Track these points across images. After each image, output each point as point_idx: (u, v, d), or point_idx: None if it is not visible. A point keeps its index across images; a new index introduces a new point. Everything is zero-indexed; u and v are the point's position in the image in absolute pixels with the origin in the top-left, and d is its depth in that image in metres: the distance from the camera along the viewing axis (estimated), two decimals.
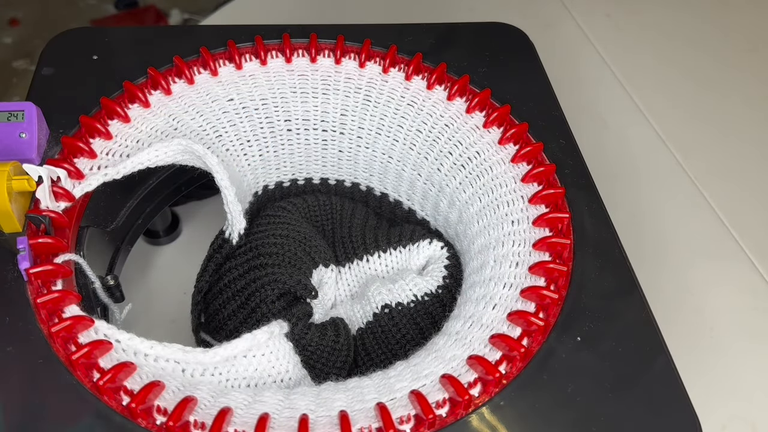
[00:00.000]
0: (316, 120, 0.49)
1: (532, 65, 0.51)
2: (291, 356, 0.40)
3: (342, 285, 0.49)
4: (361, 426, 0.31)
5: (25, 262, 0.34)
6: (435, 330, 0.41)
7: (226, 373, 0.36)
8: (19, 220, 0.36)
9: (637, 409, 0.33)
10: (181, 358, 0.35)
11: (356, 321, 0.45)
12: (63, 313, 0.34)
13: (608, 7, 0.83)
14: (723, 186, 0.65)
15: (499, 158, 0.44)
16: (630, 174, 0.66)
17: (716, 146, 0.69)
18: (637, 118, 0.71)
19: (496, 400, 0.33)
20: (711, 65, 0.77)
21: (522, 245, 0.40)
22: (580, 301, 0.37)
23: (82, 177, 0.40)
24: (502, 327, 0.36)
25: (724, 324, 0.55)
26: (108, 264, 0.46)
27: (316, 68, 0.48)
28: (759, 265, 0.59)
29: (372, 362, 0.43)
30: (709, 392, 0.51)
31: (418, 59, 0.47)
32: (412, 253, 0.48)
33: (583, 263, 0.39)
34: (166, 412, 0.31)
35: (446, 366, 0.35)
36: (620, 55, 0.77)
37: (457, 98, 0.46)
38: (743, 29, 0.82)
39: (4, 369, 0.32)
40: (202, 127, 0.45)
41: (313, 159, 0.51)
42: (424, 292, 0.44)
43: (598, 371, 0.34)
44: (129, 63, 0.46)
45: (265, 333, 0.38)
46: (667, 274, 0.58)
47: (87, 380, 0.32)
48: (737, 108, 0.73)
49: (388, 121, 0.48)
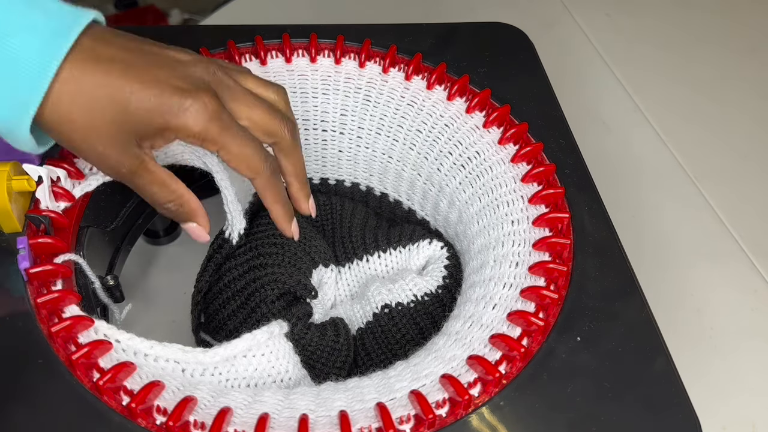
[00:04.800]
0: (316, 120, 0.49)
1: (532, 65, 0.51)
2: (291, 356, 0.40)
3: (342, 285, 0.49)
4: (361, 426, 0.31)
5: (25, 262, 0.34)
6: (435, 330, 0.41)
7: (225, 373, 0.36)
8: (19, 220, 0.36)
9: (637, 409, 0.33)
10: (181, 357, 0.35)
11: (356, 321, 0.45)
12: (63, 313, 0.34)
13: (608, 7, 0.83)
14: (723, 186, 0.65)
15: (499, 158, 0.44)
16: (630, 174, 0.66)
17: (716, 146, 0.69)
18: (637, 118, 0.71)
19: (496, 400, 0.33)
20: (711, 65, 0.77)
21: (522, 245, 0.39)
22: (580, 301, 0.37)
23: (82, 177, 0.40)
24: (502, 327, 0.36)
25: (724, 324, 0.55)
26: (108, 264, 0.46)
27: (316, 68, 0.48)
28: (759, 265, 0.59)
29: (372, 362, 0.43)
30: (709, 392, 0.51)
31: (418, 59, 0.47)
32: (411, 253, 0.48)
33: (583, 263, 0.39)
34: (166, 412, 0.31)
35: (446, 366, 0.34)
36: (620, 55, 0.77)
37: (457, 98, 0.46)
38: (743, 29, 0.82)
39: (4, 369, 0.32)
40: None
41: (313, 159, 0.51)
42: (423, 292, 0.44)
43: (598, 371, 0.34)
44: None
45: (265, 333, 0.38)
46: (667, 274, 0.58)
47: (87, 380, 0.32)
48: (737, 108, 0.73)
49: (388, 121, 0.48)
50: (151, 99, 0.33)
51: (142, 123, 0.33)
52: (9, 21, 0.31)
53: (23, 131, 0.32)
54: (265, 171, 0.38)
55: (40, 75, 0.31)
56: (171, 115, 0.33)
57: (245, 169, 0.37)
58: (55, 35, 0.31)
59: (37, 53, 0.31)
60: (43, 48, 0.31)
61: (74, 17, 0.32)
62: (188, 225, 0.39)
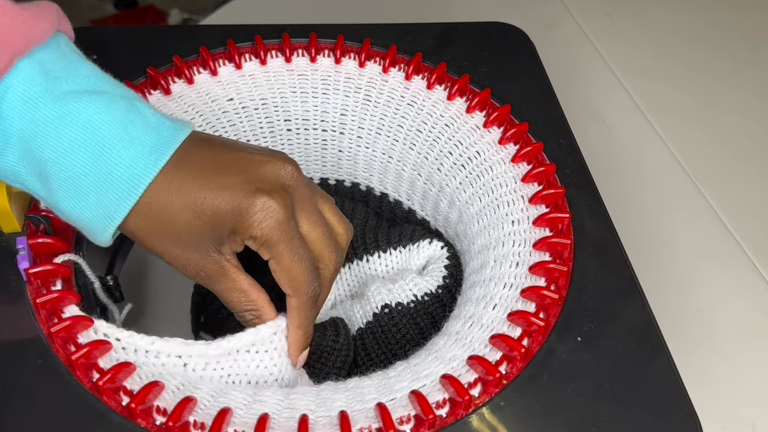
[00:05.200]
0: (316, 120, 0.49)
1: (532, 65, 0.51)
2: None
3: (342, 285, 0.49)
4: (361, 426, 0.31)
5: (24, 262, 0.34)
6: (435, 330, 0.41)
7: (228, 368, 0.36)
8: (18, 220, 0.36)
9: (637, 410, 0.33)
10: (183, 351, 0.34)
11: (356, 321, 0.45)
12: (62, 313, 0.34)
13: (608, 7, 0.83)
14: (723, 186, 0.65)
15: (500, 158, 0.44)
16: (630, 174, 0.66)
17: (716, 146, 0.69)
18: (637, 118, 0.71)
19: (497, 401, 0.33)
20: (711, 65, 0.77)
21: (522, 245, 0.39)
22: (580, 301, 0.37)
23: None
24: (502, 327, 0.36)
25: (724, 324, 0.55)
26: (108, 264, 0.46)
27: (316, 68, 0.48)
28: (759, 265, 0.59)
29: (372, 362, 0.43)
30: (709, 392, 0.51)
31: (418, 59, 0.47)
32: (412, 253, 0.48)
33: (584, 263, 0.39)
34: (166, 412, 0.31)
35: (446, 366, 0.34)
36: (620, 55, 0.77)
37: (457, 98, 0.46)
38: (743, 29, 0.81)
39: (4, 369, 0.32)
40: (201, 126, 0.45)
41: (313, 159, 0.51)
42: (423, 292, 0.44)
43: (599, 371, 0.34)
44: (128, 63, 0.46)
45: (271, 328, 0.38)
46: (668, 274, 0.58)
47: (86, 380, 0.32)
48: (737, 108, 0.73)
49: (388, 121, 0.48)
50: (222, 202, 0.32)
51: (215, 227, 0.33)
52: (109, 133, 0.31)
53: (105, 236, 0.33)
54: (305, 295, 0.36)
55: (133, 188, 0.32)
56: (241, 216, 0.33)
57: (287, 285, 0.35)
58: (152, 151, 0.32)
59: (131, 167, 0.31)
60: (137, 162, 0.32)
61: (172, 133, 0.33)
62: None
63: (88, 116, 0.31)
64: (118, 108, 0.32)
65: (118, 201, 0.32)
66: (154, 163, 0.32)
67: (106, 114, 0.31)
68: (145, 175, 0.32)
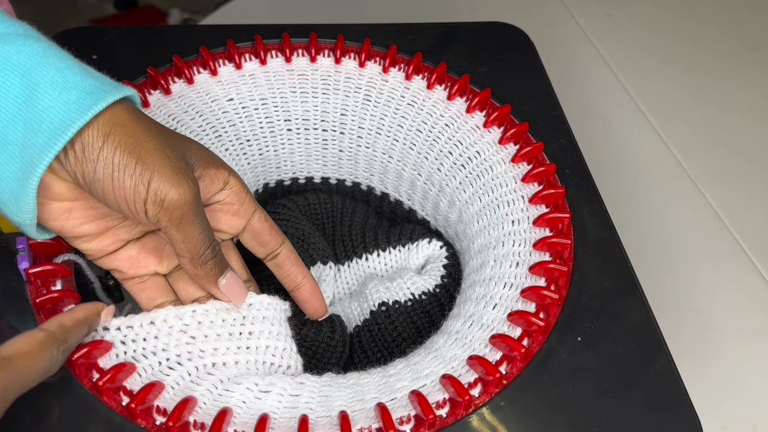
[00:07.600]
0: (316, 120, 0.49)
1: (533, 65, 0.51)
2: (290, 342, 0.39)
3: (341, 283, 0.49)
4: (361, 426, 0.31)
5: (24, 262, 0.34)
6: (432, 329, 0.41)
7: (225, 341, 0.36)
8: None
9: (638, 410, 0.33)
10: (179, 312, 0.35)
11: (353, 318, 0.45)
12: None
13: (608, 7, 0.83)
14: (723, 186, 0.65)
15: (500, 158, 0.44)
16: (630, 174, 0.66)
17: (716, 146, 0.69)
18: (637, 118, 0.71)
19: (497, 401, 0.33)
20: (711, 65, 0.77)
21: (522, 245, 0.39)
22: (580, 302, 0.37)
23: None
24: (502, 327, 0.36)
25: (724, 324, 0.55)
26: None
27: (316, 68, 0.48)
28: (759, 265, 0.59)
29: (368, 359, 0.43)
30: (709, 392, 0.51)
31: (418, 59, 0.47)
32: (411, 253, 0.48)
33: (584, 263, 0.39)
34: (166, 412, 0.31)
35: (446, 366, 0.34)
36: (620, 55, 0.77)
37: (457, 98, 0.46)
38: (743, 29, 0.81)
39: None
40: (201, 126, 0.45)
41: (313, 158, 0.51)
42: (421, 291, 0.44)
43: (599, 371, 0.34)
44: (128, 63, 0.46)
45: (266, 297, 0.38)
46: (668, 274, 0.58)
47: (86, 380, 0.32)
48: (737, 108, 0.73)
49: (388, 121, 0.48)
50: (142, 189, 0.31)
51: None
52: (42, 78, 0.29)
53: (26, 199, 0.30)
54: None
55: (62, 131, 0.29)
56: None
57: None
58: (90, 95, 0.30)
59: (63, 111, 0.29)
60: (70, 106, 0.29)
61: (115, 86, 0.31)
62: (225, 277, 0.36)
63: (20, 59, 0.29)
64: (54, 53, 0.30)
65: (43, 145, 0.29)
66: (90, 107, 0.29)
67: (42, 57, 0.29)
68: (77, 118, 0.29)
